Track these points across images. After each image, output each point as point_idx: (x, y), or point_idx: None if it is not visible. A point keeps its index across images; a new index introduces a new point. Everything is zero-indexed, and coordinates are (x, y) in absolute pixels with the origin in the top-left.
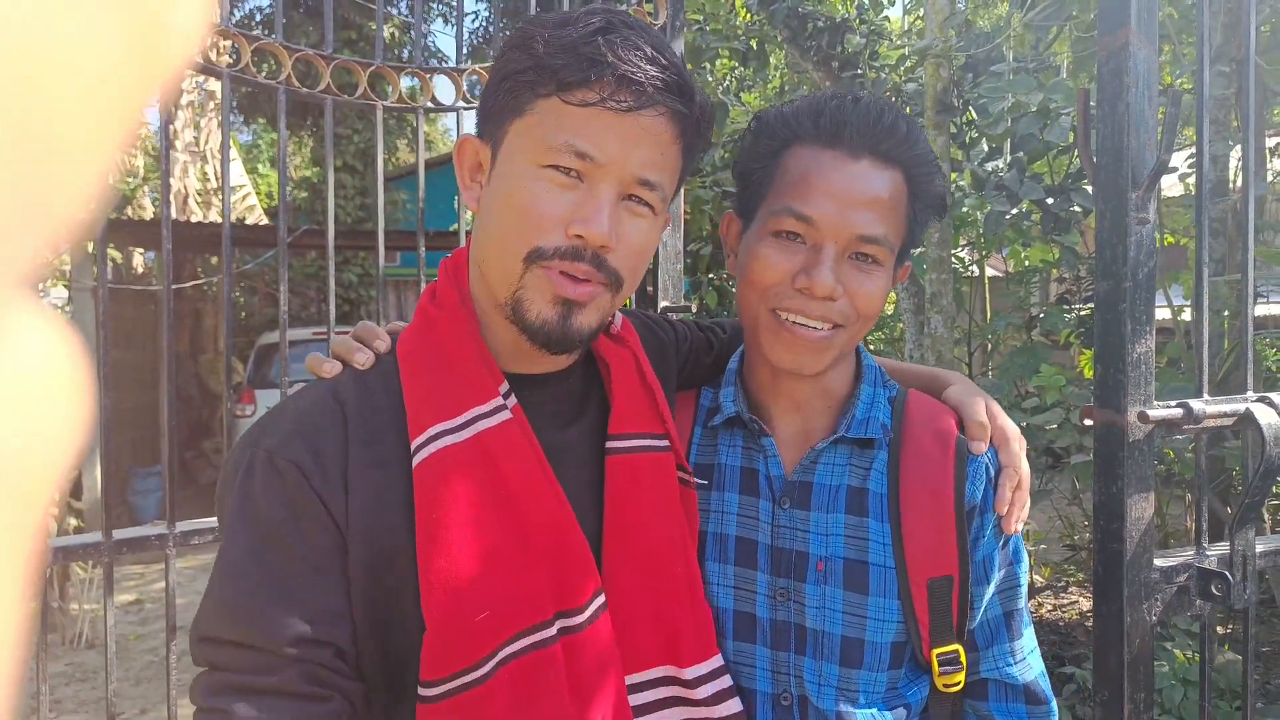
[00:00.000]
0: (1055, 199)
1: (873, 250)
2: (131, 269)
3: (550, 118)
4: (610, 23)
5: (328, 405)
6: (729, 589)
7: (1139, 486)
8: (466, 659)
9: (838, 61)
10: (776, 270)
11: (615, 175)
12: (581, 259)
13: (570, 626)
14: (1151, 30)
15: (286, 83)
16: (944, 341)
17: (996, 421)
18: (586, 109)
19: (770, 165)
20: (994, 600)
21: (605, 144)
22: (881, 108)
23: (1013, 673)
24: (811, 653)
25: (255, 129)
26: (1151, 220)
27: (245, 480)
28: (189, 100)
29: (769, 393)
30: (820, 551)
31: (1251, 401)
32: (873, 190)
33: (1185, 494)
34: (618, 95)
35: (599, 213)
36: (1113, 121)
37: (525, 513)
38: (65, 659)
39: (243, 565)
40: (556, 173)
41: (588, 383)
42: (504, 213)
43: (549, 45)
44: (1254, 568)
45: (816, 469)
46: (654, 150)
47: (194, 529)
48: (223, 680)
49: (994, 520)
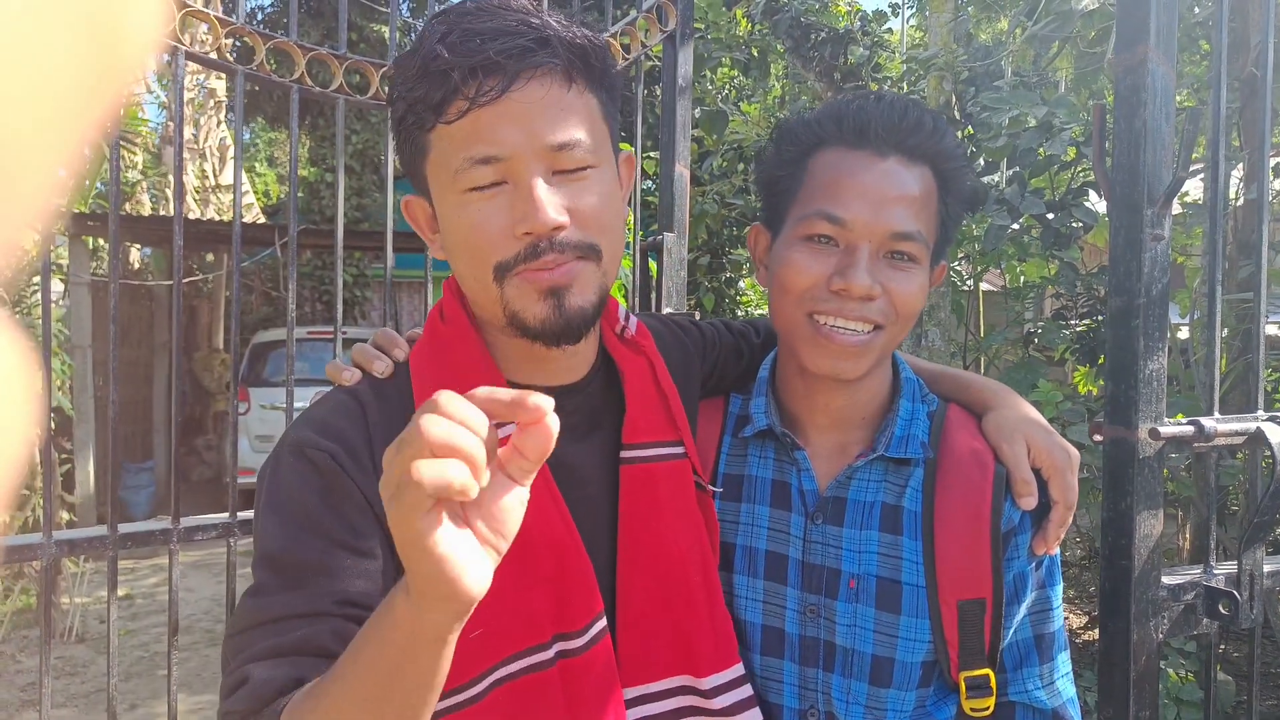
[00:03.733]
0: (1055, 214)
1: (908, 248)
2: (128, 264)
3: (445, 143)
4: (451, 26)
5: (350, 407)
6: (758, 603)
7: (1148, 503)
8: (458, 677)
9: (840, 73)
10: (810, 274)
11: (527, 160)
12: (542, 254)
13: (569, 650)
14: (1170, 47)
15: (299, 82)
16: (940, 355)
17: (1045, 453)
18: (466, 117)
19: (796, 171)
20: (1025, 622)
21: (501, 136)
22: (905, 105)
23: (1040, 696)
24: (840, 670)
25: (253, 128)
26: (1166, 237)
27: (274, 474)
28: (189, 98)
29: (803, 403)
30: (853, 569)
31: (1263, 420)
32: (903, 187)
33: (1178, 513)
34: (483, 87)
35: (531, 205)
36: (1129, 138)
37: (526, 533)
38: (55, 653)
39: (280, 555)
40: (476, 192)
41: (607, 394)
42: (457, 248)
43: (407, 80)
44: (1262, 587)
45: (851, 485)
46: (552, 112)
47: (198, 524)
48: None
49: (1029, 540)
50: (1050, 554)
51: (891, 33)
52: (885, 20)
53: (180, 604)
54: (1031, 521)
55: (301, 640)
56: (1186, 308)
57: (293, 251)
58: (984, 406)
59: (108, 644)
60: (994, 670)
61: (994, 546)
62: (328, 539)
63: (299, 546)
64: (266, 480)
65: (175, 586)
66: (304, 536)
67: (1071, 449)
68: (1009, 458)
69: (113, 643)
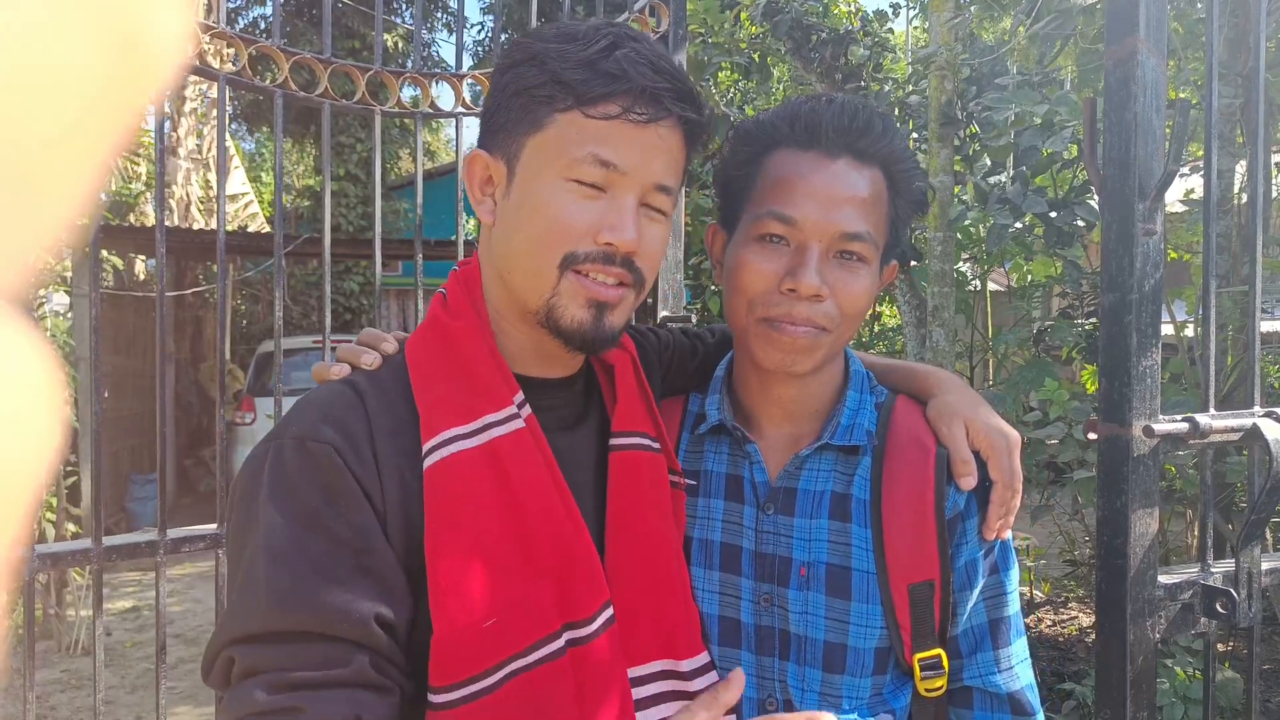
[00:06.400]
0: (1058, 213)
1: (857, 248)
2: (134, 275)
3: (571, 131)
4: (620, 37)
5: (347, 396)
6: (714, 594)
7: (1143, 502)
8: (475, 666)
9: (841, 74)
10: (762, 275)
11: (637, 183)
12: (613, 263)
13: (578, 638)
14: (1161, 39)
15: (284, 87)
16: (945, 354)
17: (983, 434)
18: (609, 122)
19: (750, 172)
20: (979, 607)
21: (627, 154)
22: (856, 107)
23: (997, 681)
24: (795, 658)
25: (259, 137)
26: (1158, 231)
27: (275, 468)
28: (192, 108)
29: (757, 398)
30: (803, 557)
31: (1259, 417)
32: (853, 188)
33: (1186, 510)
34: (637, 107)
35: (625, 220)
36: (1120, 131)
37: (532, 523)
38: (61, 665)
39: (286, 554)
40: (580, 185)
41: (589, 386)
42: (533, 224)
43: (564, 60)
44: (1259, 585)
45: (801, 475)
46: (669, 158)
47: (185, 536)
48: (279, 680)
49: (976, 525)
50: (1001, 539)
51: (893, 33)
52: (886, 20)
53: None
54: (978, 506)
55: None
56: (1194, 305)
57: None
58: (928, 394)
59: (93, 658)
60: (945, 650)
61: (939, 528)
62: (332, 539)
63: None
64: (267, 471)
65: (163, 599)
66: (308, 536)
67: (1012, 432)
68: (948, 439)
69: (99, 656)
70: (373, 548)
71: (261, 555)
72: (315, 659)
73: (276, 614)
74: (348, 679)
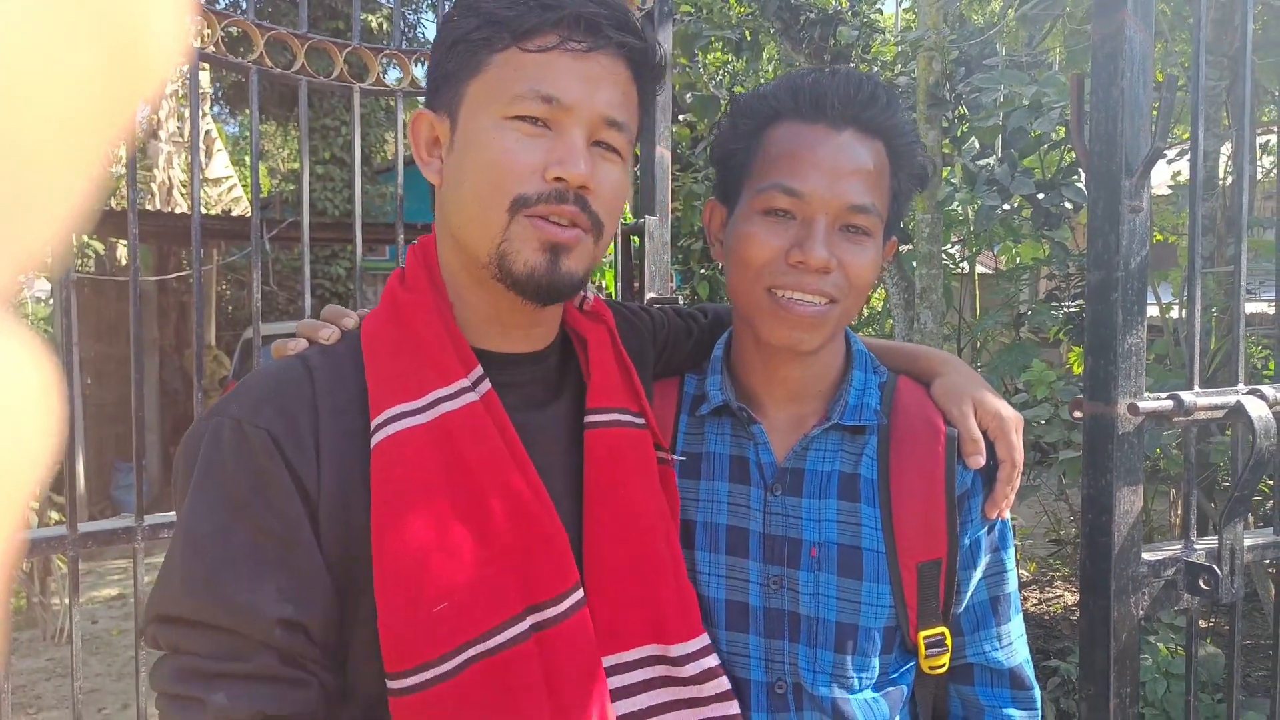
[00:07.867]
0: (1046, 194)
1: (863, 221)
2: (115, 261)
3: (509, 69)
4: None
5: (297, 370)
6: (720, 578)
7: (1128, 479)
8: (429, 652)
9: (830, 54)
10: (768, 248)
11: (583, 117)
12: (565, 201)
13: (544, 621)
14: (1148, 15)
15: (259, 63)
16: (933, 337)
17: (991, 414)
18: (545, 54)
19: (752, 145)
20: (981, 585)
21: (569, 86)
22: (860, 79)
23: (998, 657)
24: (805, 640)
25: (243, 120)
26: (1145, 209)
27: (211, 448)
28: (173, 90)
29: (760, 377)
30: (814, 538)
31: (1242, 394)
32: (859, 160)
33: (1170, 489)
34: (575, 36)
35: (574, 153)
36: (1107, 107)
37: (488, 502)
38: (46, 654)
39: (207, 540)
40: (523, 123)
41: (564, 363)
42: (477, 170)
43: (498, 1)
44: (1242, 562)
45: (808, 455)
46: (615, 90)
47: (164, 522)
48: (190, 665)
49: (980, 504)
50: (1002, 517)
51: (881, 14)
52: (875, 1)
53: None
54: (983, 484)
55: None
56: (1179, 288)
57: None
58: (931, 374)
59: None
60: (949, 628)
61: (949, 507)
62: (255, 529)
63: (226, 539)
64: (202, 452)
65: (141, 585)
66: (232, 525)
67: (1015, 412)
68: (958, 419)
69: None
70: (297, 541)
71: (182, 540)
72: (222, 650)
73: (188, 603)
74: (251, 673)
